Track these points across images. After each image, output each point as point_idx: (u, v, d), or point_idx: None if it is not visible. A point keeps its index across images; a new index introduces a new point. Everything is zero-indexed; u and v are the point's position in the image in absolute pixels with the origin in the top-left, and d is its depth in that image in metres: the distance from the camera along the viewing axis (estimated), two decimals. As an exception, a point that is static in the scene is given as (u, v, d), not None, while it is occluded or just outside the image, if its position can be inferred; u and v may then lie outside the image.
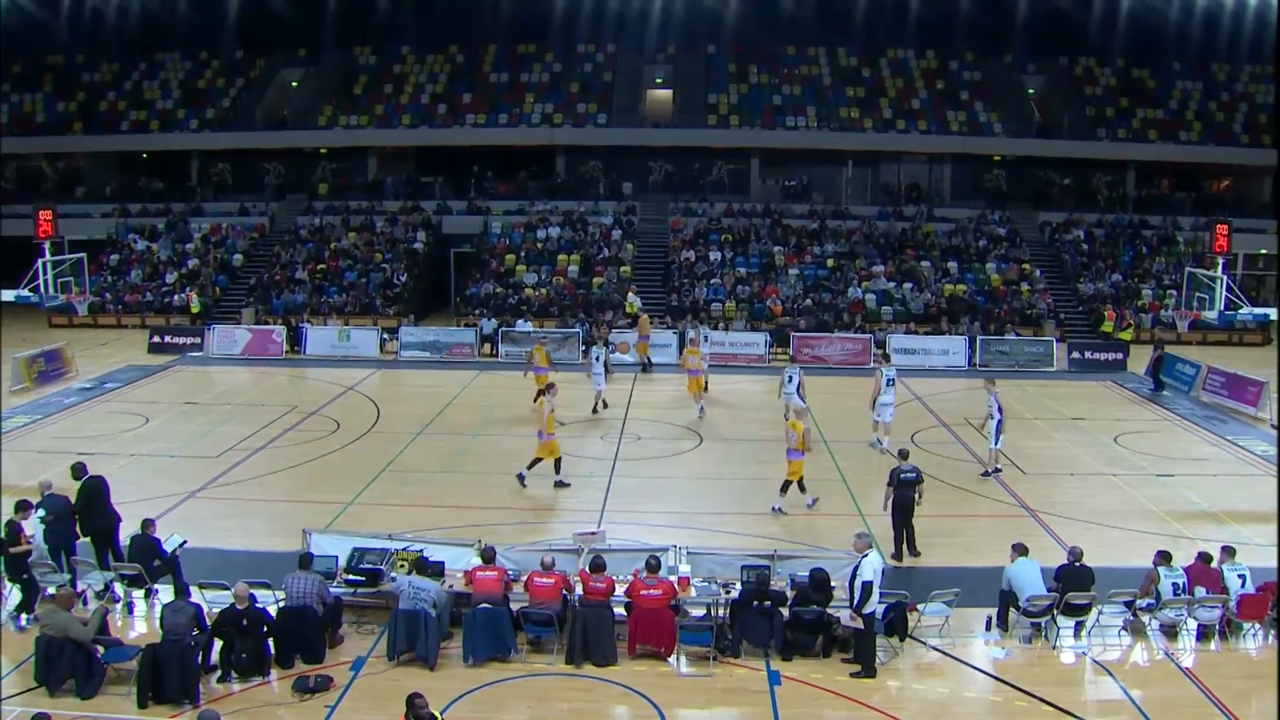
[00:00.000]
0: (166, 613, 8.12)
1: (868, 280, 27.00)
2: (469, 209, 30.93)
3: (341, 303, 26.34)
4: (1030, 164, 31.45)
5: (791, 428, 12.35)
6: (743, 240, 29.17)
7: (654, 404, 18.74)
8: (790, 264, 27.88)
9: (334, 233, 29.71)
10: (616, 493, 13.00)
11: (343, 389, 19.43)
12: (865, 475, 13.87)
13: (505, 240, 29.47)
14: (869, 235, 29.32)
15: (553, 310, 25.84)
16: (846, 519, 11.89)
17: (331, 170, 32.55)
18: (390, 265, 27.92)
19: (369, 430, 16.12)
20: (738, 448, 15.39)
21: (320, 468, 13.97)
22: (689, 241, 29.10)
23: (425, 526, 11.11)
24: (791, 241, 28.98)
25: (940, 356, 22.36)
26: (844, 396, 19.62)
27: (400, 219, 30.30)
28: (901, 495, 10.65)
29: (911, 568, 10.54)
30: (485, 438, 15.88)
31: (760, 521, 11.89)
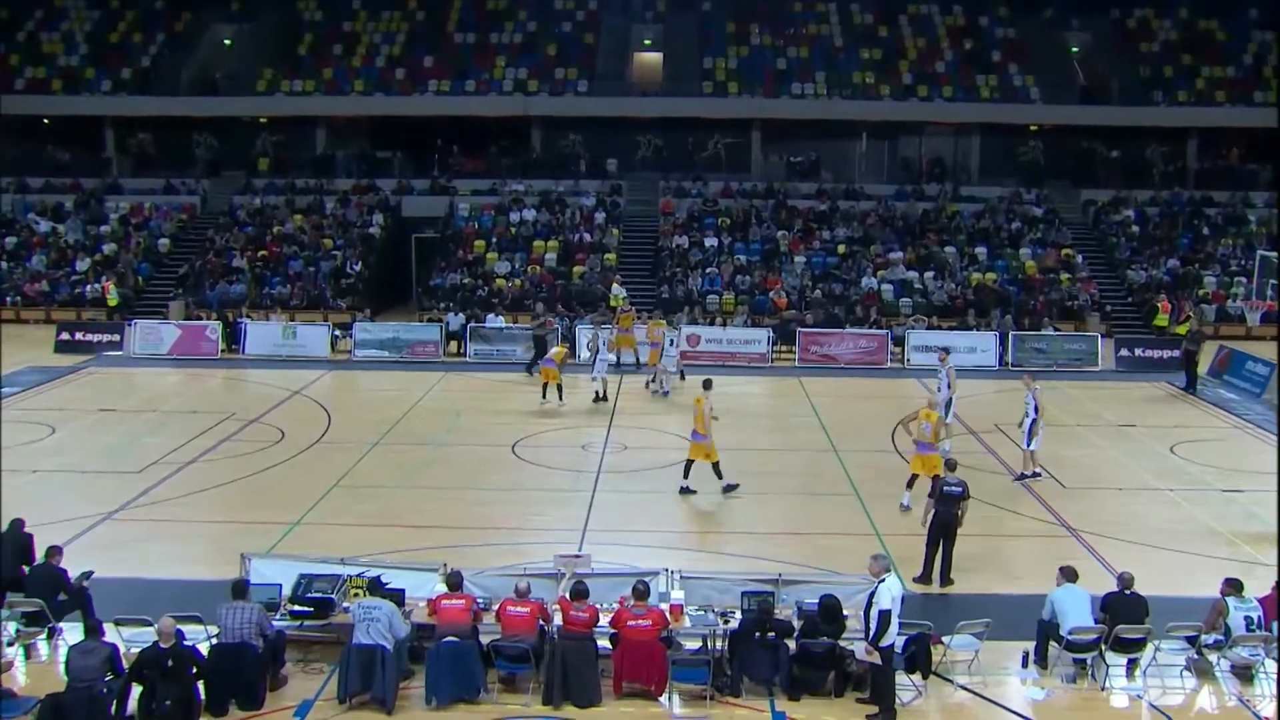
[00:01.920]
0: (74, 655, 7.98)
1: (884, 269, 27.10)
2: (432, 189, 30.87)
3: (286, 295, 26.25)
4: (1072, 134, 31.54)
5: (925, 418, 12.66)
6: (742, 224, 29.23)
7: (642, 409, 18.75)
8: (796, 251, 27.97)
9: (277, 215, 29.59)
10: (601, 509, 12.99)
11: (288, 393, 19.35)
12: (881, 487, 13.88)
13: (474, 224, 29.44)
14: (886, 218, 29.44)
15: (528, 303, 25.78)
16: (860, 538, 11.90)
17: (273, 143, 32.41)
18: (342, 252, 27.84)
19: (318, 440, 16.07)
20: (738, 459, 15.31)
21: (262, 483, 13.91)
22: (681, 226, 29.16)
23: (383, 549, 11.07)
24: (798, 225, 29.06)
25: (967, 355, 22.41)
26: (856, 400, 19.72)
27: (353, 200, 30.20)
28: (943, 512, 10.66)
29: (937, 595, 10.56)
30: (452, 448, 15.86)
31: (763, 542, 11.89)
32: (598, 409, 18.27)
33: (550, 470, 14.68)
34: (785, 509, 13.25)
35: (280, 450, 15.42)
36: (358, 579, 9.28)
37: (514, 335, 22.98)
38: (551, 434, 16.69)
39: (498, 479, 14.26)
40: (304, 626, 9.15)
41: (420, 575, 9.61)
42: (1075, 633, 8.86)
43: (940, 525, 10.69)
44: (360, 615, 8.40)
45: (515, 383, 20.33)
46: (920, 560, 10.83)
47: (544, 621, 8.76)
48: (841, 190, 30.74)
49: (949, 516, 10.68)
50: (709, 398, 13.32)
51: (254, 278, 26.86)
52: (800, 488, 14.04)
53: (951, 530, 10.70)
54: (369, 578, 9.25)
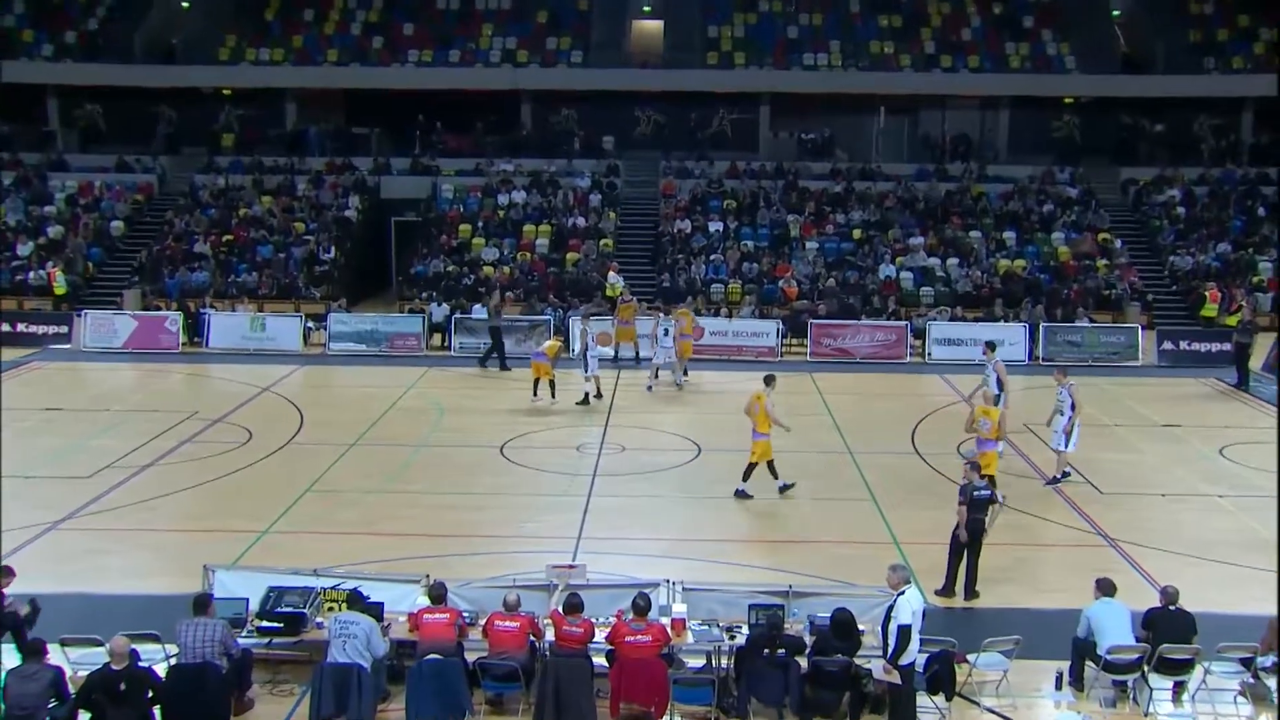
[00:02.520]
0: (12, 680, 7.85)
1: (903, 255, 27.09)
2: (413, 168, 30.85)
3: (254, 284, 26.20)
4: (1112, 107, 31.39)
5: (984, 415, 12.90)
6: (750, 207, 29.22)
7: (641, 407, 18.70)
8: (808, 236, 27.98)
9: (243, 196, 29.55)
10: (597, 516, 12.97)
11: (256, 390, 19.33)
12: (899, 492, 13.89)
13: (458, 207, 29.41)
14: (905, 200, 29.42)
15: (517, 293, 25.78)
16: (878, 547, 11.88)
17: (238, 117, 32.32)
18: (315, 237, 27.80)
19: (289, 441, 16.06)
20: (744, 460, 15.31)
21: (226, 488, 13.88)
22: (684, 209, 29.14)
23: (360, 559, 11.06)
24: (810, 208, 29.05)
25: (994, 349, 22.46)
26: (872, 397, 19.71)
27: (327, 180, 30.17)
28: (972, 519, 10.64)
29: (962, 609, 10.54)
30: (436, 449, 15.85)
31: (771, 551, 11.88)
32: (593, 407, 18.25)
33: (542, 473, 14.66)
34: (796, 515, 13.23)
35: (247, 452, 15.40)
36: (333, 592, 9.25)
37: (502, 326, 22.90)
38: (543, 434, 16.68)
39: (485, 483, 14.26)
40: (273, 644, 9.11)
41: (400, 587, 9.58)
42: (1114, 652, 8.79)
43: (968, 534, 10.66)
44: (336, 631, 8.36)
45: (504, 379, 20.33)
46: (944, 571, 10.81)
47: (535, 637, 8.73)
48: (857, 170, 30.71)
49: (976, 525, 10.66)
50: (770, 394, 13.51)
51: (218, 264, 26.79)
52: (813, 492, 14.00)
53: (978, 539, 10.67)
54: (345, 590, 9.21)
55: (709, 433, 16.70)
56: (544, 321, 22.87)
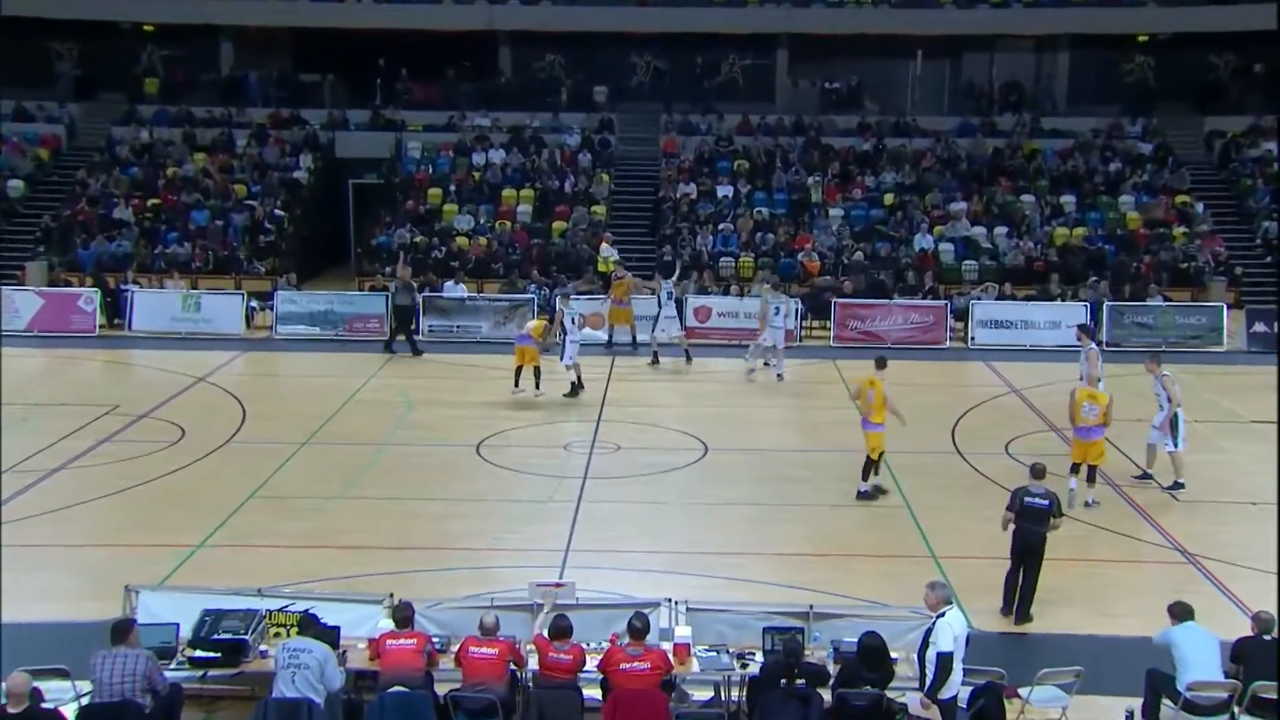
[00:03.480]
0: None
1: (943, 224, 27.03)
2: (373, 123, 30.73)
3: (186, 256, 26.11)
4: (1193, 45, 30.93)
5: (1090, 399, 13.21)
6: (765, 168, 29.13)
7: (638, 399, 18.64)
8: (832, 201, 27.92)
9: (171, 153, 29.43)
10: (588, 524, 12.95)
11: (190, 380, 19.25)
12: (937, 498, 13.88)
13: (427, 168, 29.31)
14: (946, 159, 29.36)
15: (496, 268, 25.70)
16: (913, 561, 11.86)
17: (163, 59, 32.07)
18: (259, 202, 27.70)
19: (229, 440, 16.01)
20: (758, 461, 15.33)
21: (154, 495, 13.81)
22: (688, 171, 29.05)
23: (313, 576, 11.03)
24: (834, 170, 28.93)
25: (1048, 332, 22.39)
26: (906, 388, 19.50)
27: (272, 135, 30.04)
28: (1024, 531, 10.59)
29: (1014, 634, 10.51)
30: (400, 449, 15.82)
31: (791, 566, 11.86)
32: (580, 400, 18.22)
33: (524, 476, 14.61)
34: (818, 524, 13.19)
35: (180, 453, 15.32)
36: (280, 615, 9.21)
37: (479, 308, 22.94)
38: (526, 431, 16.62)
39: (458, 487, 14.23)
40: (208, 677, 9.04)
41: (360, 609, 9.54)
42: (1197, 688, 8.69)
43: (1021, 547, 10.62)
44: (284, 660, 8.31)
45: (481, 367, 20.28)
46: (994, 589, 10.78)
47: (516, 665, 8.70)
48: (889, 125, 30.63)
49: (1033, 537, 10.60)
50: (886, 379, 13.63)
51: (143, 233, 26.69)
52: (837, 497, 13.95)
53: (1036, 554, 10.62)
54: (295, 613, 9.19)
55: (717, 429, 16.64)
56: (526, 301, 22.84)
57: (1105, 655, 9.61)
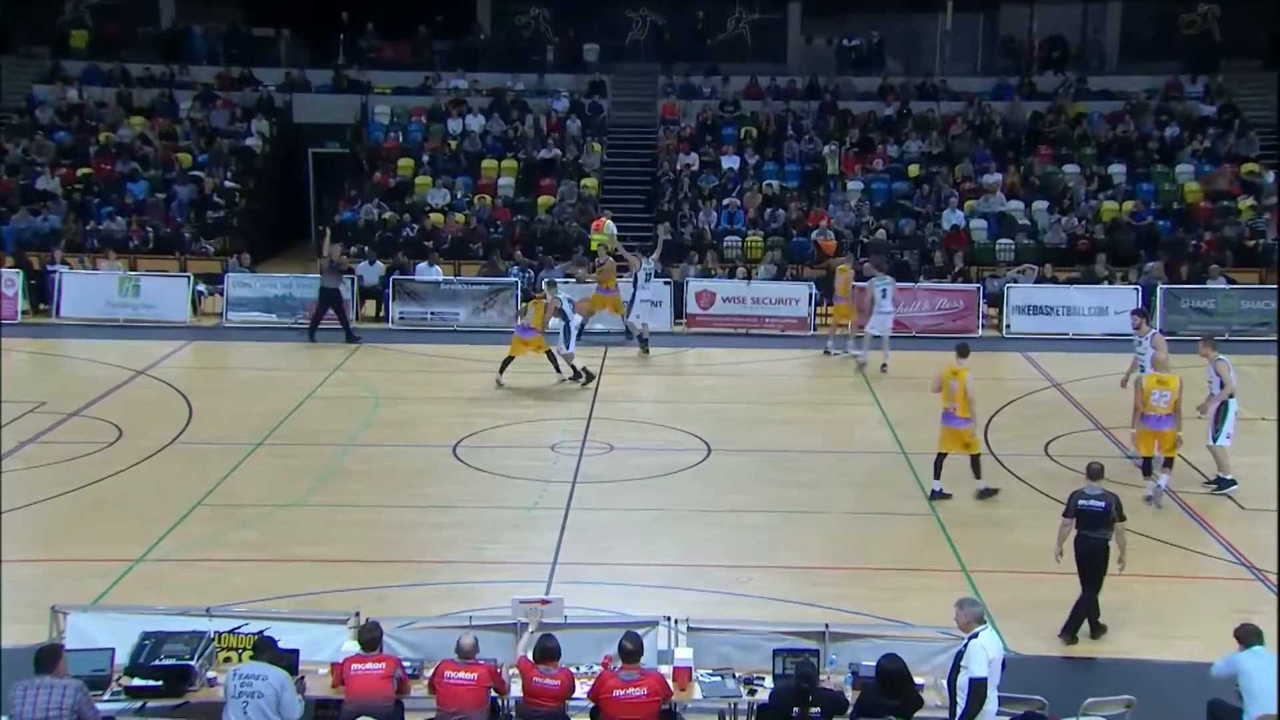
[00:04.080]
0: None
1: (975, 198, 26.98)
2: (336, 84, 30.67)
3: (123, 233, 26.01)
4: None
5: (1160, 386, 13.48)
6: (775, 136, 29.06)
7: (633, 396, 18.63)
8: (850, 173, 27.88)
9: (105, 115, 29.25)
10: (577, 534, 12.96)
11: (128, 373, 19.21)
12: (970, 505, 13.86)
13: (397, 136, 29.24)
14: (978, 125, 29.27)
15: (475, 248, 25.65)
16: (941, 576, 11.85)
17: (93, 8, 31.70)
18: (207, 173, 27.60)
19: (173, 440, 15.96)
20: (768, 463, 15.33)
21: (87, 504, 13.74)
22: (689, 139, 28.99)
23: (268, 593, 11.01)
24: (853, 137, 28.89)
25: (1094, 319, 22.42)
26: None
27: (220, 97, 29.91)
28: (1083, 540, 10.58)
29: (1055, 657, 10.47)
30: (368, 450, 15.81)
31: (804, 580, 11.86)
32: (571, 393, 18.23)
33: (506, 480, 14.59)
34: (835, 534, 13.20)
35: (116, 456, 15.26)
36: (231, 637, 9.20)
37: (456, 293, 22.90)
38: (508, 430, 16.61)
39: (432, 493, 14.21)
40: (148, 709, 8.96)
41: (322, 629, 9.50)
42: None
43: (1079, 556, 10.59)
44: (236, 689, 8.26)
45: (458, 359, 20.26)
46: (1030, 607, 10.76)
47: (497, 692, 8.68)
48: (915, 86, 30.54)
49: (1090, 544, 10.57)
50: (969, 368, 13.81)
51: (72, 207, 26.52)
52: (856, 504, 13.98)
53: (1095, 563, 10.59)
54: (248, 635, 9.17)
55: (721, 427, 16.65)
56: (508, 285, 22.85)
57: (1160, 683, 9.59)
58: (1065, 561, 10.80)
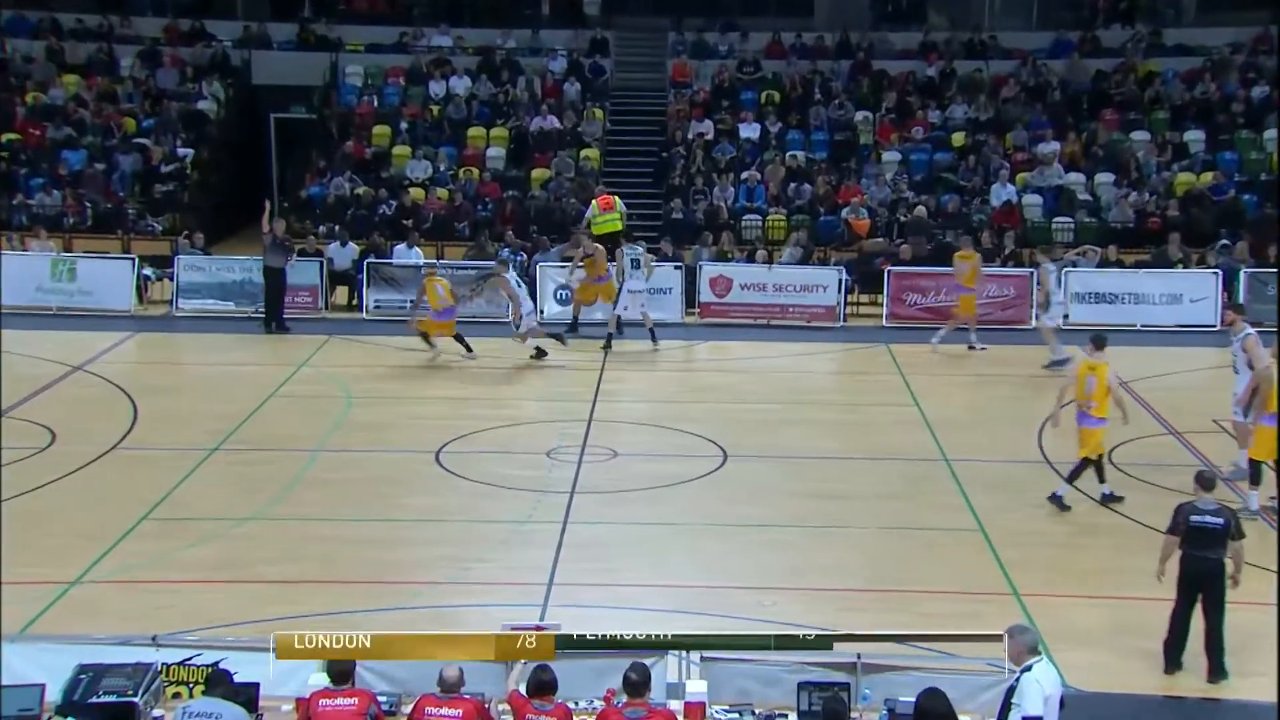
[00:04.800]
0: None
1: (1029, 170, 26.92)
2: (301, 41, 30.70)
3: (56, 208, 26.06)
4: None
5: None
6: (800, 101, 28.99)
7: (639, 395, 18.67)
8: (886, 143, 27.86)
9: (33, 73, 29.24)
10: (576, 552, 12.94)
11: (65, 369, 19.24)
12: (1022, 519, 13.80)
13: (371, 100, 29.27)
14: (1034, 87, 29.17)
15: (460, 228, 25.65)
16: (988, 600, 11.84)
17: (19, -51, 31.76)
18: (153, 140, 27.62)
19: (115, 445, 15.98)
20: (792, 470, 15.32)
21: (16, 517, 13.53)
22: (704, 104, 28.97)
23: (224, 619, 10.99)
24: (889, 102, 28.83)
25: (1165, 308, 22.36)
26: (980, 381, 19.63)
27: (168, 53, 29.91)
28: (1194, 559, 10.47)
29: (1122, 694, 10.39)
30: (339, 456, 15.84)
31: (833, 604, 11.81)
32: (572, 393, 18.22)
33: (497, 490, 14.60)
34: (868, 552, 13.19)
35: (50, 462, 15.26)
36: (181, 669, 9.20)
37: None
38: (497, 433, 16.63)
39: (412, 505, 14.24)
40: (83, 751, 9.00)
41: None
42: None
43: (1191, 578, 10.49)
44: (189, 732, 8.28)
45: (442, 352, 20.23)
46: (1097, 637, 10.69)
47: (485, 731, 8.68)
48: (960, 43, 30.49)
49: (1208, 564, 10.46)
50: (1108, 361, 13.99)
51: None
52: (891, 518, 13.95)
53: (1215, 590, 10.48)
54: (201, 666, 9.16)
55: (738, 431, 16.66)
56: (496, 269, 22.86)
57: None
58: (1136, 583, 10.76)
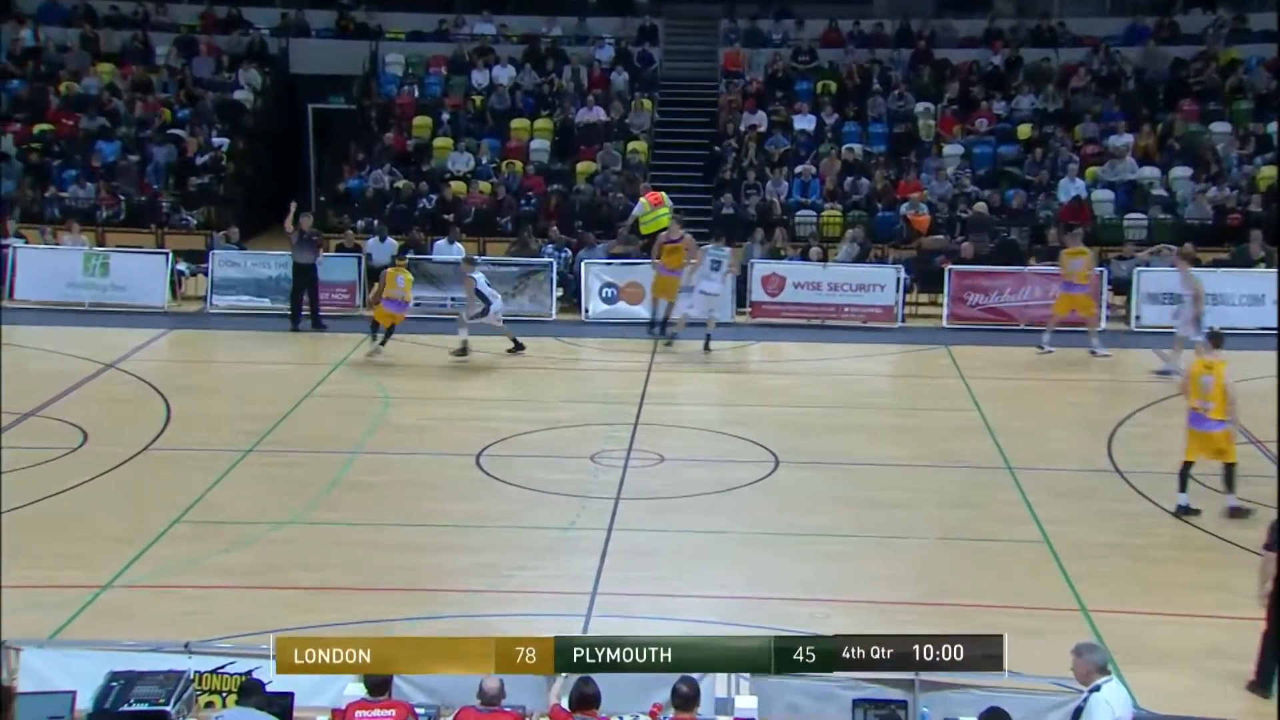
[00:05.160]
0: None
1: (1099, 164, 26.74)
2: (340, 28, 30.84)
3: (90, 201, 26.22)
4: None
5: None
6: (858, 92, 28.96)
7: (689, 395, 18.69)
8: (948, 136, 27.78)
9: (67, 62, 29.48)
10: (621, 560, 12.96)
11: (97, 367, 19.37)
12: (1087, 532, 13.68)
13: (412, 90, 29.39)
14: (1105, 77, 28.97)
15: (503, 223, 25.67)
16: (1054, 616, 11.77)
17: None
18: (189, 131, 27.79)
19: (147, 446, 16.06)
20: (846, 478, 15.31)
21: (46, 519, 13.78)
22: (756, 95, 28.96)
23: (259, 627, 10.97)
24: (952, 92, 28.73)
25: (1246, 310, 22.15)
26: (1046, 385, 19.50)
27: (204, 41, 30.08)
28: None
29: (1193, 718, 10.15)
30: (376, 459, 15.89)
31: (889, 618, 11.71)
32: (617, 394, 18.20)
33: (539, 495, 14.60)
34: (927, 563, 13.13)
35: (81, 463, 15.34)
36: (214, 677, 9.26)
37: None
38: (540, 436, 16.64)
39: (453, 510, 14.26)
40: (116, 763, 9.06)
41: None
42: None
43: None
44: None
45: (484, 352, 20.29)
46: (1179, 655, 10.67)
47: (525, 746, 8.68)
48: (1028, 30, 30.32)
49: None
50: (1226, 360, 13.89)
51: (29, 170, 26.81)
52: (951, 528, 13.89)
53: None
54: (234, 675, 9.23)
55: (791, 435, 16.65)
56: (542, 267, 22.90)
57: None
58: (1216, 600, 10.62)
